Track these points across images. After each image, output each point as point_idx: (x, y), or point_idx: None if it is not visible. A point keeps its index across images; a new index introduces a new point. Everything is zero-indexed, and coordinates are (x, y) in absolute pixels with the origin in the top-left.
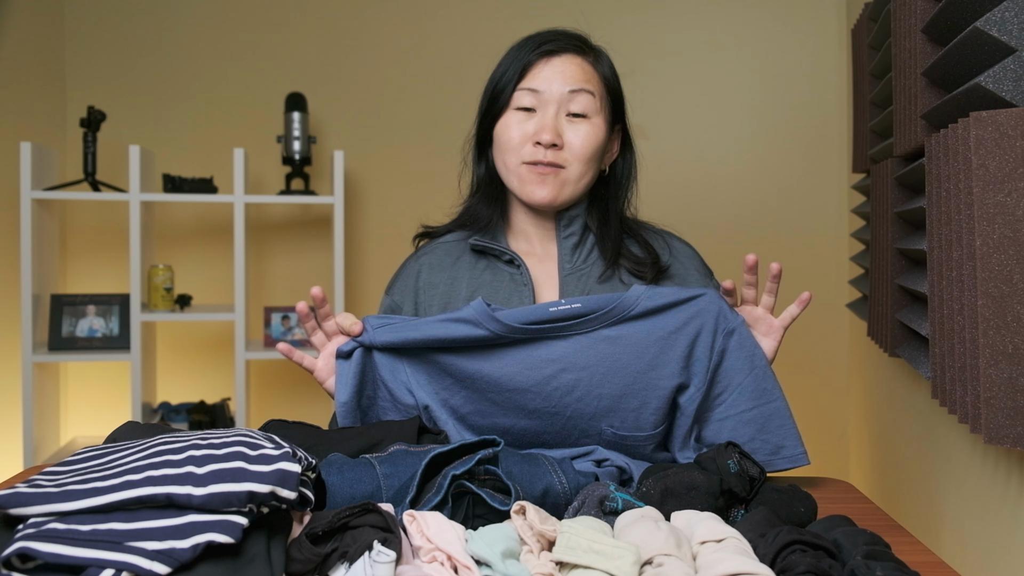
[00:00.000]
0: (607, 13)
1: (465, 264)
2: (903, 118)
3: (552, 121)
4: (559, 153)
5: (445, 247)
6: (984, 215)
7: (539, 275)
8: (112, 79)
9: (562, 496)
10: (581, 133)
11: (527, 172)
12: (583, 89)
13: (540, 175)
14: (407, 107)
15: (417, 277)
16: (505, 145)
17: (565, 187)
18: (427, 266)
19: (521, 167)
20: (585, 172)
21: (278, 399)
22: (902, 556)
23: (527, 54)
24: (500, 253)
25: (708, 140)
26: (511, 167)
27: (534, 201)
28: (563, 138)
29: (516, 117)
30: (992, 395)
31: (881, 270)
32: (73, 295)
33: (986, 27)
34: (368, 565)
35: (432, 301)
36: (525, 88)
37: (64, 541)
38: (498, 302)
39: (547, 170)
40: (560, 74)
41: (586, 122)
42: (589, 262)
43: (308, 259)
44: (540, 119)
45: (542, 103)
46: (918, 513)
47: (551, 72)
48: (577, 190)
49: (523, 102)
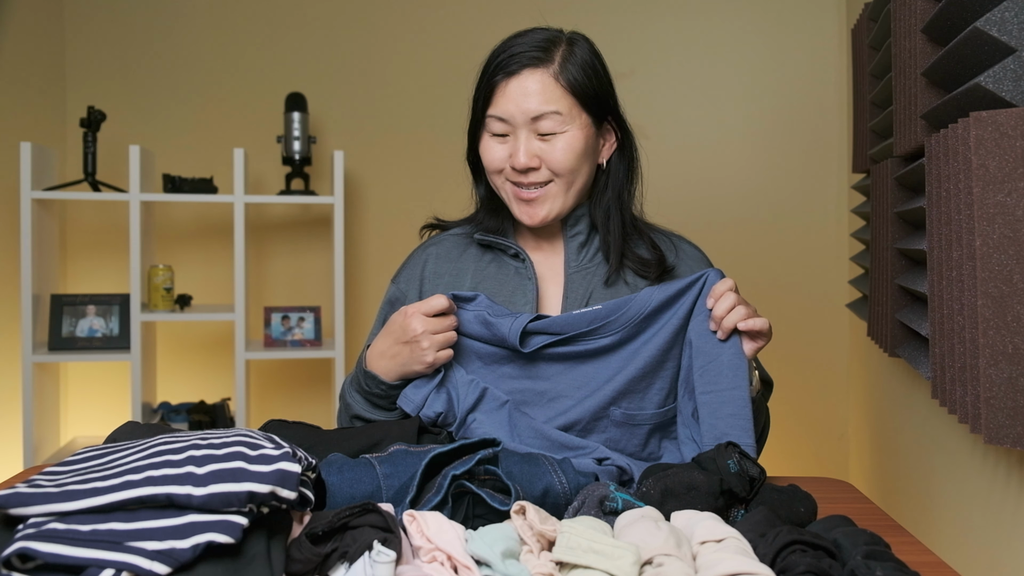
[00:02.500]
0: (607, 13)
1: (471, 256)
2: (903, 118)
3: (524, 145)
4: (539, 173)
5: (453, 239)
6: (984, 215)
7: (544, 270)
8: (112, 79)
9: (562, 496)
10: (557, 148)
11: (513, 196)
12: (545, 111)
13: (526, 200)
14: (407, 107)
15: (423, 267)
16: (488, 168)
17: (555, 202)
18: (434, 256)
19: (507, 186)
20: (572, 181)
21: (278, 399)
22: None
23: (489, 77)
24: (506, 247)
25: (708, 140)
26: (500, 187)
27: (527, 224)
28: (540, 157)
29: (492, 141)
30: (992, 395)
31: (881, 270)
32: (73, 295)
33: (986, 27)
34: (368, 565)
35: (436, 291)
36: (492, 116)
37: (64, 541)
38: (503, 296)
39: (532, 193)
40: (522, 97)
41: (560, 137)
42: (595, 262)
43: (308, 259)
44: (512, 144)
45: (512, 128)
46: (918, 513)
47: (513, 95)
48: (570, 200)
49: (495, 129)
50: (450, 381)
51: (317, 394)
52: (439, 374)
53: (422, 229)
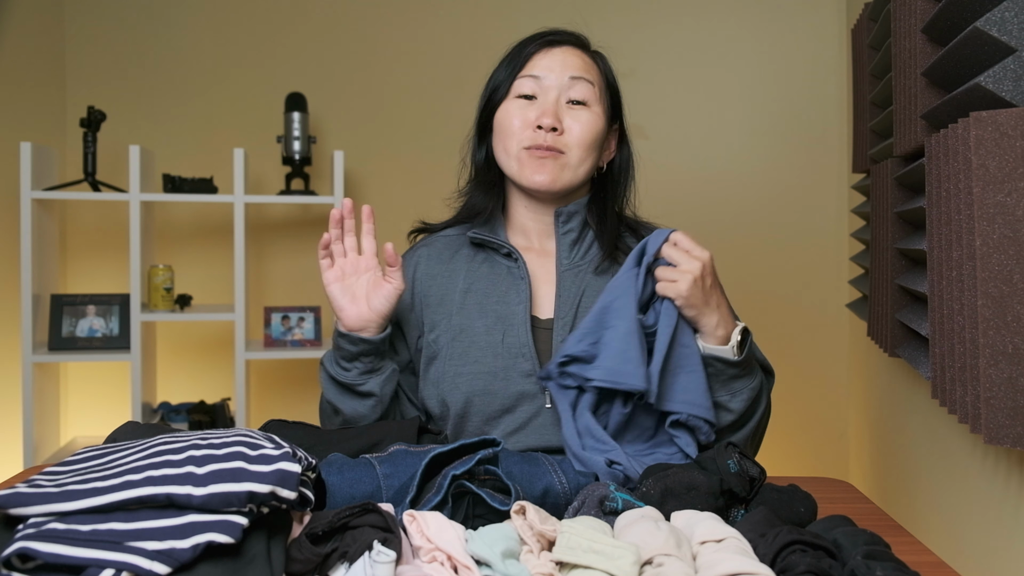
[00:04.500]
0: (607, 13)
1: (463, 257)
2: (903, 118)
3: (553, 106)
4: (559, 138)
5: (444, 240)
6: (984, 215)
7: (536, 270)
8: (112, 79)
9: (562, 496)
10: (581, 119)
11: (527, 156)
12: (583, 77)
13: (539, 159)
14: (407, 107)
15: (415, 269)
16: (506, 131)
17: (564, 172)
18: (425, 257)
19: (521, 152)
20: (584, 159)
21: (278, 399)
22: (902, 556)
23: (528, 45)
24: (498, 246)
25: (708, 140)
26: (512, 152)
27: (533, 184)
28: (563, 124)
29: (517, 104)
30: (992, 395)
31: (881, 270)
32: (73, 295)
33: (986, 27)
34: (368, 565)
35: (429, 292)
36: (526, 75)
37: (64, 541)
38: (495, 295)
39: (547, 154)
40: (561, 62)
41: (586, 110)
42: (587, 259)
43: (308, 259)
44: (541, 104)
45: (543, 90)
46: (918, 513)
47: (552, 60)
48: (576, 177)
49: (523, 89)
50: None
51: (317, 394)
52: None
53: (410, 234)
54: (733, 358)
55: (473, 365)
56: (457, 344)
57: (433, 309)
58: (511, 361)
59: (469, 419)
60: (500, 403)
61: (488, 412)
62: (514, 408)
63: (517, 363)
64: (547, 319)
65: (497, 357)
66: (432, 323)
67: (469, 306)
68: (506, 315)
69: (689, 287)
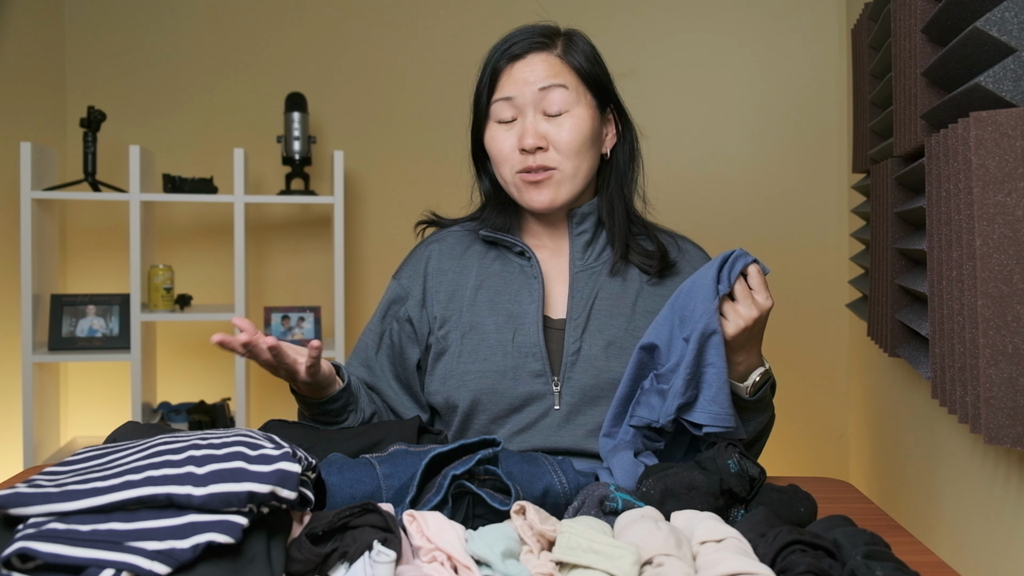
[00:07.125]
0: (607, 13)
1: (475, 254)
2: (903, 118)
3: (532, 125)
4: (547, 155)
5: (456, 235)
6: (984, 215)
7: (550, 269)
8: (112, 79)
9: (562, 496)
10: (564, 128)
11: (521, 182)
12: (553, 84)
13: (534, 182)
14: (407, 107)
15: (427, 263)
16: (496, 158)
17: (562, 187)
18: (437, 252)
19: (515, 177)
20: (579, 166)
21: (278, 399)
22: (902, 556)
23: (493, 64)
24: (511, 244)
25: (708, 140)
26: (507, 179)
27: (534, 208)
28: (547, 138)
29: (499, 130)
30: (992, 395)
31: (881, 270)
32: (73, 295)
33: (986, 27)
34: (368, 565)
35: (440, 288)
36: (499, 98)
37: (64, 541)
38: (507, 293)
39: (539, 175)
40: (527, 76)
41: (567, 117)
42: (600, 260)
43: (308, 259)
44: (520, 126)
45: (519, 109)
46: (918, 513)
47: (518, 74)
48: (576, 186)
49: (502, 114)
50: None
51: None
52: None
53: (417, 225)
54: (744, 396)
55: (482, 363)
56: (467, 341)
57: (444, 304)
58: (521, 360)
59: (476, 417)
60: (508, 403)
61: (495, 411)
62: (522, 408)
63: (527, 363)
64: (559, 319)
65: (507, 356)
66: (442, 318)
67: (480, 303)
68: (518, 314)
69: (737, 332)
